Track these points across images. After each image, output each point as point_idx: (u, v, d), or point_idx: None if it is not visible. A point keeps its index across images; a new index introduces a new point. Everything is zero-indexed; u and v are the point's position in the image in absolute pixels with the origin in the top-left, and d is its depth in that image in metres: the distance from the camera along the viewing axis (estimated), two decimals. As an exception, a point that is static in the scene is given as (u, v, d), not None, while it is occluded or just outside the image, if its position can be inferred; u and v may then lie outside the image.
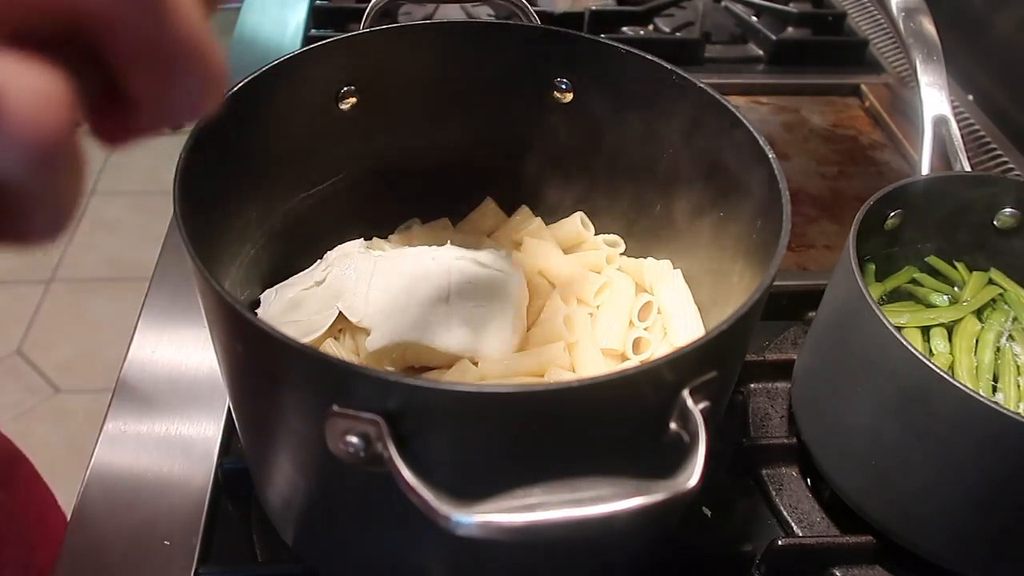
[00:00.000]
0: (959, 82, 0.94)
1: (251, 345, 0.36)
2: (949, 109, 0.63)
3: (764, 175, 0.44)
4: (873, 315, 0.46)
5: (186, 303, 0.65)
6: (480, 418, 0.34)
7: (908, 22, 0.69)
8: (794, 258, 0.74)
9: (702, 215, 0.53)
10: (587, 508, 0.30)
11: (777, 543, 0.50)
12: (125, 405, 0.58)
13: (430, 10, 0.96)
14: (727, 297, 0.51)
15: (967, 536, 0.48)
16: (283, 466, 0.43)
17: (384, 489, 0.33)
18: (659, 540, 0.49)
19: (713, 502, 0.54)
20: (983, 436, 0.43)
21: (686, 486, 0.32)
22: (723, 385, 0.40)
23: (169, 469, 0.54)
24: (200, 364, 0.61)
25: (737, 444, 0.57)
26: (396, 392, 0.32)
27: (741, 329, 0.37)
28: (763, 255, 0.43)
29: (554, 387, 0.34)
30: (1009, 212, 0.57)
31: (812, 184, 0.83)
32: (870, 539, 0.51)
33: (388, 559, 0.43)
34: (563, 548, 0.41)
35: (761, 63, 0.99)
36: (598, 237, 0.60)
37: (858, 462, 0.51)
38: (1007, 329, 0.55)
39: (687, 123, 0.51)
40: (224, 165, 0.45)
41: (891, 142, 0.89)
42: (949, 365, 0.53)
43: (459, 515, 0.30)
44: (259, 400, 0.41)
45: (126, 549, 0.50)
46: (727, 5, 1.05)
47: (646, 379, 0.34)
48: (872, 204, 0.52)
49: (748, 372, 0.61)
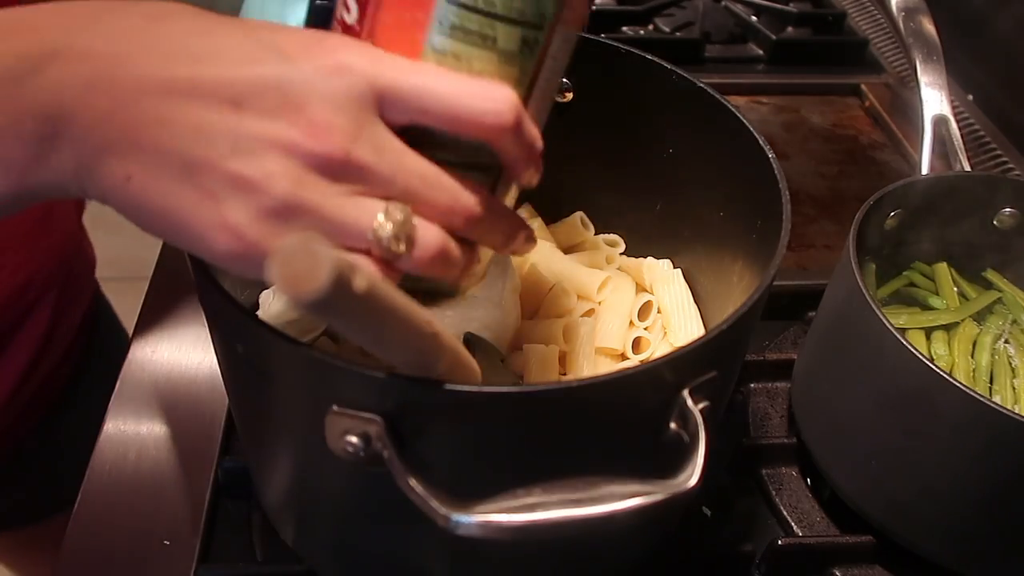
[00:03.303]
0: (959, 82, 0.94)
1: (251, 345, 0.36)
2: (949, 109, 0.63)
3: (764, 175, 0.44)
4: (873, 315, 0.46)
5: (186, 303, 0.65)
6: (480, 418, 0.34)
7: (908, 22, 0.69)
8: (794, 258, 0.74)
9: (702, 215, 0.53)
10: (587, 508, 0.30)
11: (777, 543, 0.50)
12: (125, 405, 0.58)
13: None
14: (727, 297, 0.51)
15: (967, 536, 0.48)
16: (283, 466, 0.43)
17: (384, 489, 0.33)
18: (659, 540, 0.49)
19: (713, 502, 0.54)
20: (983, 436, 0.43)
21: (686, 486, 0.32)
22: (723, 385, 0.40)
23: (169, 469, 0.54)
24: (200, 364, 0.61)
25: (737, 444, 0.57)
26: (396, 392, 0.32)
27: (741, 329, 0.37)
28: (763, 255, 0.43)
29: (554, 387, 0.34)
30: (1009, 212, 0.56)
31: (812, 184, 0.83)
32: (870, 539, 0.51)
33: (388, 559, 0.43)
34: (563, 548, 0.41)
35: (761, 63, 0.99)
36: (598, 237, 0.60)
37: (858, 462, 0.51)
38: (1005, 332, 0.55)
39: (687, 123, 0.51)
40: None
41: (891, 142, 0.89)
42: (948, 367, 0.53)
43: (459, 515, 0.30)
44: (259, 400, 0.41)
45: (126, 549, 0.50)
46: (727, 5, 1.05)
47: (646, 379, 0.35)
48: (872, 204, 0.52)
49: (748, 372, 0.61)
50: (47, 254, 0.67)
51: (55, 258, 0.69)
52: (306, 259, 0.24)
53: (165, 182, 0.29)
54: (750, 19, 1.02)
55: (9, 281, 0.63)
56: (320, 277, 0.24)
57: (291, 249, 0.24)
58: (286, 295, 0.24)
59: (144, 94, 0.29)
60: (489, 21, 0.32)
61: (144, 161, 0.29)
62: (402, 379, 0.32)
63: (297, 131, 0.29)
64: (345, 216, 0.30)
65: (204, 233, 0.29)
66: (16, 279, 0.64)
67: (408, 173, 0.31)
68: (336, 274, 0.24)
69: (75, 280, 0.74)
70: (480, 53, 0.32)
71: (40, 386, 0.70)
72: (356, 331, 0.29)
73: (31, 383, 0.68)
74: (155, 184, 0.29)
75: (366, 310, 0.27)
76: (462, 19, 0.32)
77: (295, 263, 0.24)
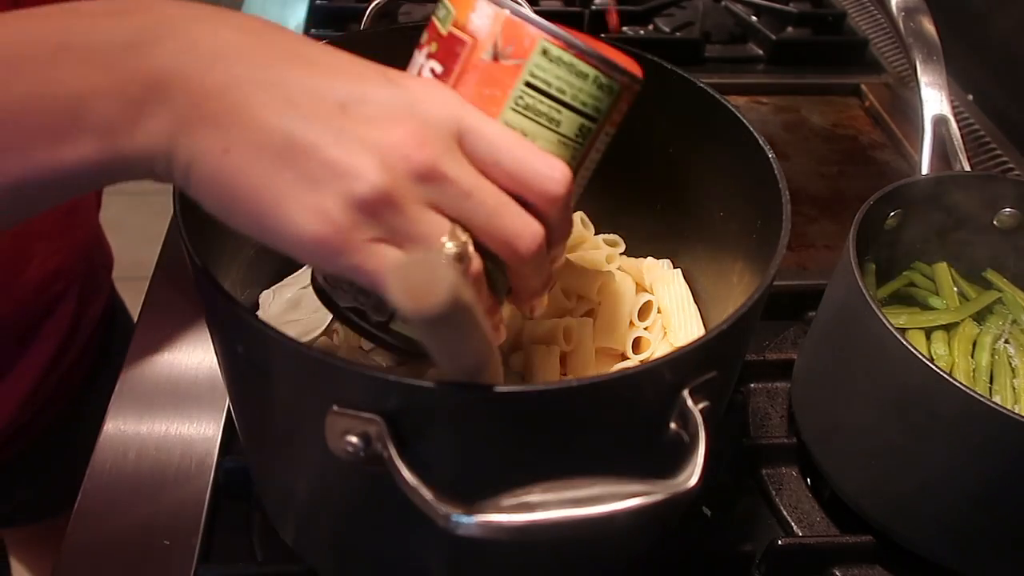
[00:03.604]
0: (959, 82, 0.94)
1: (251, 345, 0.36)
2: (949, 109, 0.63)
3: (764, 175, 0.44)
4: (873, 315, 0.46)
5: (186, 303, 0.65)
6: (480, 418, 0.34)
7: (908, 22, 0.69)
8: (794, 258, 0.74)
9: (702, 215, 0.53)
10: (587, 508, 0.30)
11: (777, 543, 0.50)
12: (125, 405, 0.58)
13: (430, 10, 0.96)
14: (727, 297, 0.51)
15: (967, 536, 0.48)
16: (283, 466, 0.43)
17: (384, 489, 0.33)
18: (659, 540, 0.49)
19: (713, 502, 0.54)
20: (983, 436, 0.43)
21: (686, 486, 0.32)
22: (723, 385, 0.40)
23: (169, 469, 0.54)
24: (200, 364, 0.61)
25: (737, 444, 0.57)
26: (396, 392, 0.32)
27: (741, 329, 0.37)
28: (763, 255, 0.43)
29: (554, 387, 0.34)
30: (1009, 212, 0.57)
31: (812, 184, 0.83)
32: (870, 539, 0.51)
33: (388, 559, 0.43)
34: (563, 548, 0.41)
35: (761, 63, 0.99)
36: (598, 237, 0.60)
37: (858, 462, 0.51)
38: (1005, 332, 0.55)
39: (687, 123, 0.51)
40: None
41: (891, 142, 0.89)
42: (948, 367, 0.53)
43: (459, 515, 0.30)
44: (259, 400, 0.41)
45: (126, 549, 0.50)
46: (727, 5, 1.05)
47: (646, 379, 0.35)
48: (872, 204, 0.52)
49: (748, 372, 0.61)
50: (72, 247, 0.70)
51: (79, 252, 0.71)
52: (426, 273, 0.25)
53: (263, 160, 0.30)
54: (750, 19, 1.02)
55: (40, 268, 0.66)
56: (440, 292, 0.25)
57: (410, 263, 0.25)
58: (405, 308, 0.25)
59: (259, 82, 0.30)
60: (558, 107, 0.36)
61: (246, 137, 0.30)
62: (402, 379, 0.32)
63: (395, 136, 0.31)
64: (419, 224, 0.31)
65: (294, 215, 0.30)
66: (46, 267, 0.66)
67: (484, 193, 0.33)
68: (455, 287, 0.25)
69: (95, 275, 0.76)
70: (545, 133, 0.36)
71: (61, 379, 0.72)
72: (444, 342, 0.30)
73: (54, 375, 0.70)
74: (253, 160, 0.30)
75: (463, 322, 0.28)
76: (536, 101, 0.36)
77: (414, 277, 0.25)
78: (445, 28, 0.37)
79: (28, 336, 0.67)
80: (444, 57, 0.37)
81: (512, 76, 0.36)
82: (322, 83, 0.31)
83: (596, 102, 0.37)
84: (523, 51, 0.35)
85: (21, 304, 0.65)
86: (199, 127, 0.30)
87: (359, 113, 0.31)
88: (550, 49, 0.35)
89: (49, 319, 0.69)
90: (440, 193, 0.32)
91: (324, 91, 0.31)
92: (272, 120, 0.30)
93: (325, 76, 0.31)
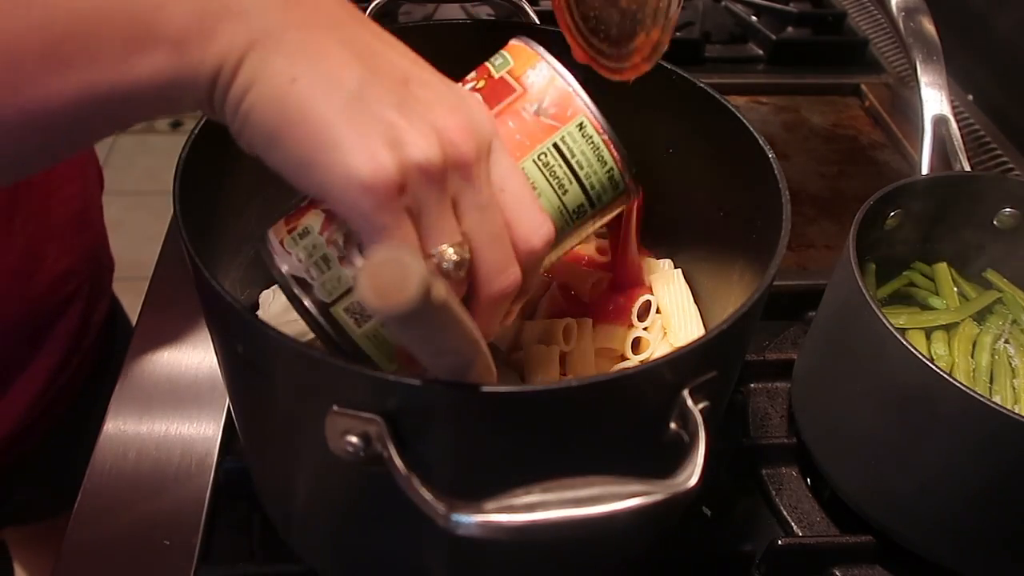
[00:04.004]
0: (959, 82, 0.94)
1: (251, 345, 0.36)
2: (949, 109, 0.63)
3: (764, 175, 0.44)
4: (873, 315, 0.46)
5: (186, 303, 0.65)
6: (480, 418, 0.34)
7: (908, 22, 0.69)
8: (794, 258, 0.74)
9: (702, 215, 0.53)
10: (587, 508, 0.30)
11: (777, 543, 0.50)
12: (125, 405, 0.58)
13: (430, 10, 0.96)
14: (727, 297, 0.51)
15: (967, 536, 0.48)
16: (283, 466, 0.43)
17: (384, 489, 0.33)
18: (659, 540, 0.49)
19: (713, 502, 0.54)
20: (983, 436, 0.43)
21: (686, 486, 0.32)
22: (723, 385, 0.40)
23: (169, 469, 0.54)
24: (200, 364, 0.61)
25: (737, 444, 0.57)
26: (396, 392, 0.32)
27: (741, 329, 0.37)
28: (763, 255, 0.43)
29: (554, 387, 0.34)
30: (1009, 212, 0.57)
31: (812, 184, 0.83)
32: (870, 539, 0.51)
33: (388, 559, 0.43)
34: (563, 548, 0.41)
35: (761, 63, 0.99)
36: (598, 237, 0.60)
37: (858, 462, 0.51)
38: (1005, 332, 0.55)
39: (687, 123, 0.51)
40: (224, 165, 0.45)
41: (891, 142, 0.89)
42: (948, 367, 0.53)
43: (459, 515, 0.30)
44: (259, 400, 0.41)
45: (126, 549, 0.50)
46: (727, 5, 1.05)
47: (646, 379, 0.35)
48: (872, 204, 0.52)
49: (748, 372, 0.61)
50: (82, 248, 0.71)
51: (88, 253, 0.72)
52: (396, 271, 0.25)
53: (332, 100, 0.30)
54: (750, 19, 1.02)
55: (53, 268, 0.66)
56: (410, 288, 0.25)
57: (380, 261, 0.25)
58: (374, 306, 0.25)
59: (338, 39, 0.31)
60: (571, 177, 0.39)
61: (318, 73, 0.30)
62: (402, 379, 0.32)
63: (448, 122, 0.32)
64: (439, 218, 0.32)
65: (350, 156, 0.30)
66: (58, 267, 0.67)
67: (495, 213, 0.34)
68: (425, 286, 0.25)
69: (100, 279, 0.77)
70: (550, 194, 0.39)
71: (67, 381, 0.72)
72: (422, 340, 0.30)
73: (62, 376, 0.71)
74: (321, 97, 0.30)
75: (438, 320, 0.28)
76: (556, 164, 0.39)
77: (384, 275, 0.25)
78: (498, 73, 0.40)
79: (39, 337, 0.68)
80: (489, 95, 0.39)
81: (546, 133, 0.39)
82: (390, 53, 0.33)
83: (602, 189, 0.40)
84: (564, 118, 0.39)
85: (34, 305, 0.66)
86: (272, 52, 0.30)
87: (419, 91, 0.32)
88: (587, 125, 0.39)
89: (60, 320, 0.69)
90: (463, 190, 0.33)
91: (392, 60, 0.32)
92: (344, 69, 0.31)
93: (391, 48, 0.33)
